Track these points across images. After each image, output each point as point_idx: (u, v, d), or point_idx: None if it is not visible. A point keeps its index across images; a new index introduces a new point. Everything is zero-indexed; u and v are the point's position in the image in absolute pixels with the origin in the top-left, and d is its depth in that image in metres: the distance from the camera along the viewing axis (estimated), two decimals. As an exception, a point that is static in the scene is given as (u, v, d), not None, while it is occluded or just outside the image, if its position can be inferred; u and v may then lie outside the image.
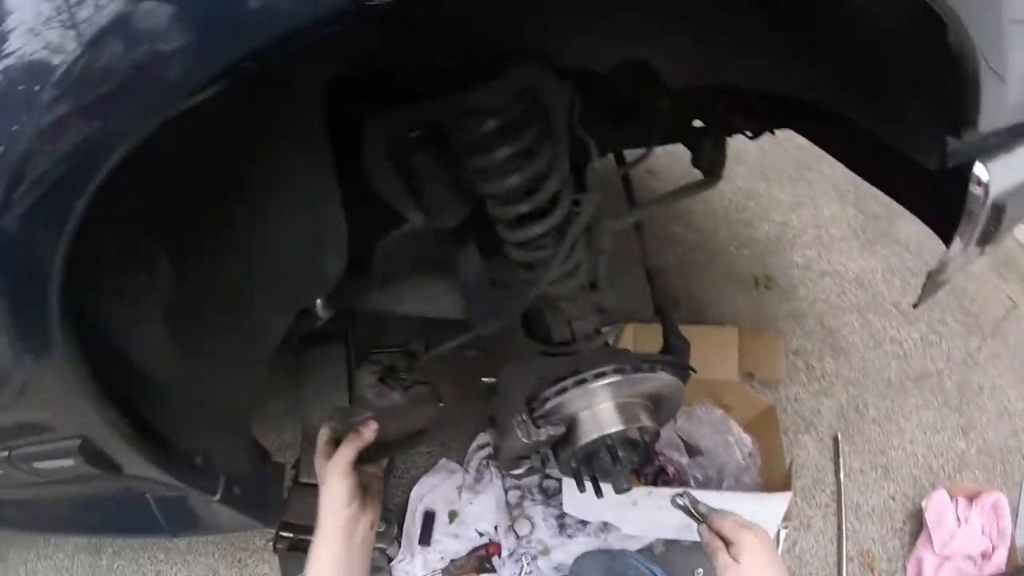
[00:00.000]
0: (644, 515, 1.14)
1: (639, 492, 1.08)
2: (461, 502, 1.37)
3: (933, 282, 0.97)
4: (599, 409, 0.88)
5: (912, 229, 1.84)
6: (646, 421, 0.91)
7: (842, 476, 1.43)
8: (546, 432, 0.83)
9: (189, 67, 0.43)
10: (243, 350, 0.92)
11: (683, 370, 0.95)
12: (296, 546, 1.41)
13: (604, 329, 0.96)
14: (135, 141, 0.46)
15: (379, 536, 1.23)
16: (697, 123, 1.05)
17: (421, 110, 0.75)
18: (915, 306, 1.08)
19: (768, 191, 1.95)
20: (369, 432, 0.81)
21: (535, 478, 1.35)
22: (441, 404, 0.86)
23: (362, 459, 0.81)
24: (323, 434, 0.85)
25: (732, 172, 1.23)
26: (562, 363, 0.86)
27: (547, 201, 0.83)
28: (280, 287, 0.85)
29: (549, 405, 0.84)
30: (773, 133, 1.08)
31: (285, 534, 1.41)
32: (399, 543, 1.38)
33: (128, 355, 0.74)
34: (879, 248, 1.82)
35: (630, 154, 1.18)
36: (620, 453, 0.87)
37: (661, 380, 0.91)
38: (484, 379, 0.91)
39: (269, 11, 0.41)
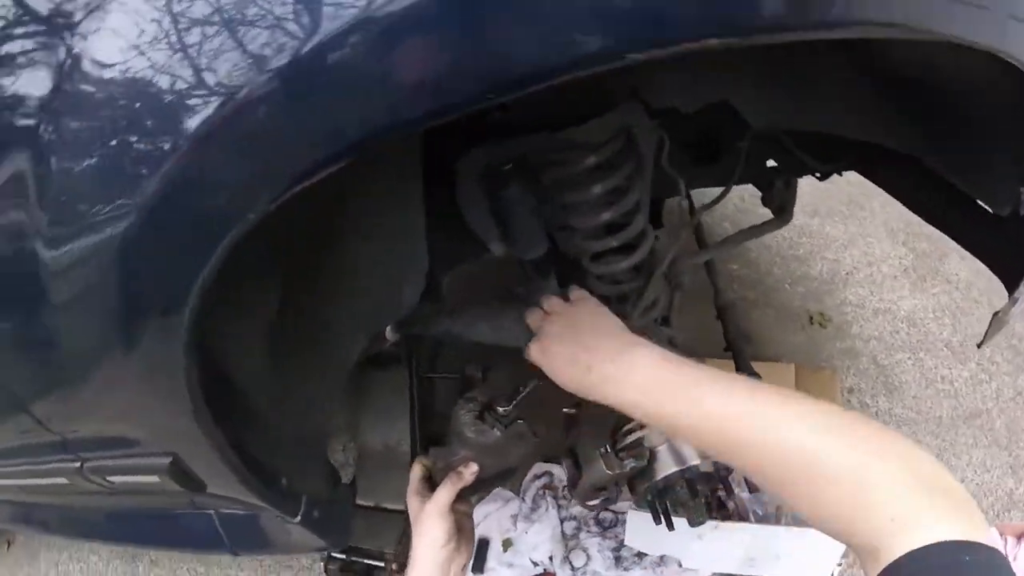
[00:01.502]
0: (709, 548, 1.14)
1: (707, 526, 1.08)
2: (516, 531, 1.38)
3: (999, 321, 0.99)
4: (678, 443, 0.89)
5: (960, 267, 1.85)
6: (722, 455, 0.91)
7: (895, 513, 1.42)
8: (629, 464, 0.84)
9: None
10: (324, 371, 0.94)
11: (756, 405, 0.96)
12: (347, 568, 1.42)
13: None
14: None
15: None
16: (770, 163, 1.07)
17: (518, 144, 0.77)
18: (980, 345, 1.09)
19: (820, 228, 1.97)
20: (470, 474, 0.81)
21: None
22: (536, 440, 0.86)
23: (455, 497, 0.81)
24: (416, 471, 0.86)
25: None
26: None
27: (634, 237, 0.86)
28: (360, 310, 0.87)
29: (632, 438, 0.85)
30: (841, 175, 1.09)
31: (337, 555, 1.42)
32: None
33: (230, 375, 0.76)
34: (929, 286, 1.82)
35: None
36: (698, 487, 0.88)
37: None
38: (565, 409, 0.92)
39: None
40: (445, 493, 0.79)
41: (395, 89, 0.44)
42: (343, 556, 1.41)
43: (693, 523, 0.89)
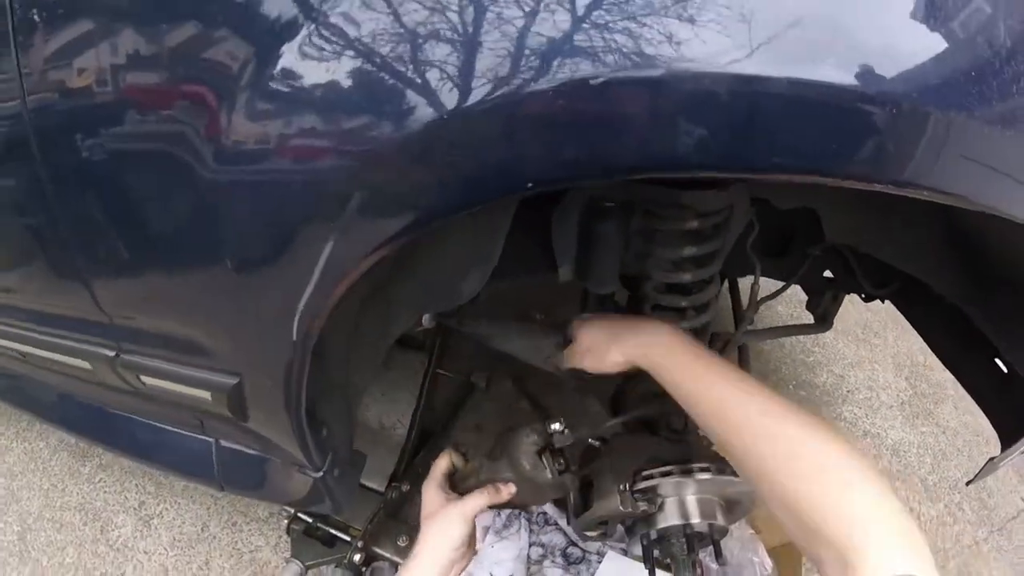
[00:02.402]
0: (676, 605, 1.17)
1: (683, 585, 1.12)
2: (483, 542, 1.40)
3: (992, 466, 1.06)
4: (687, 499, 0.94)
5: (952, 415, 1.93)
6: (720, 520, 0.96)
7: (843, 623, 1.46)
8: (642, 507, 0.89)
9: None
10: (376, 337, 0.97)
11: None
12: (311, 532, 1.42)
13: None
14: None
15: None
16: (827, 273, 1.14)
17: (631, 188, 0.82)
18: (968, 483, 1.16)
19: (833, 343, 2.05)
20: (507, 494, 0.86)
21: (562, 541, 1.39)
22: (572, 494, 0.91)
23: None
24: (442, 464, 0.88)
25: (809, 317, 1.34)
26: (676, 449, 0.92)
27: (700, 304, 0.92)
28: (420, 290, 0.92)
29: (650, 483, 0.90)
30: (883, 302, 1.16)
31: (303, 517, 1.43)
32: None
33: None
34: (920, 423, 1.90)
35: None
36: (695, 546, 0.93)
37: (744, 488, 0.97)
38: (590, 440, 0.97)
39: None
40: (478, 501, 0.82)
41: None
42: (309, 519, 1.42)
43: (677, 576, 0.93)
